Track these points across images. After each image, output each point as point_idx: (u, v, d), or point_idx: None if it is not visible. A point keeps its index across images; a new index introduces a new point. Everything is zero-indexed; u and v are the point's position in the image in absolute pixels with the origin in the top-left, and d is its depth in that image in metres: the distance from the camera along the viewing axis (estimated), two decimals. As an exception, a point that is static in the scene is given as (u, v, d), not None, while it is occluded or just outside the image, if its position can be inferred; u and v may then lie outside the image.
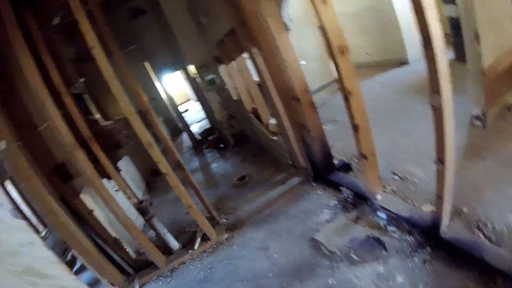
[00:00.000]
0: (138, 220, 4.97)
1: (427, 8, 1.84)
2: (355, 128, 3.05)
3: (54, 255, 1.38)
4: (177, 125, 10.99)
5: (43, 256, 1.33)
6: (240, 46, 4.73)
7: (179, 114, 8.94)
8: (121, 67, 3.85)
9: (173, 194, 6.20)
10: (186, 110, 14.92)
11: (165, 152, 3.96)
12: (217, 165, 6.80)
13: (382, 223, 3.18)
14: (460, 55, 5.43)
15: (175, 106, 8.96)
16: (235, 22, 3.91)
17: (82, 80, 4.05)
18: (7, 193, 5.72)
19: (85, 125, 3.82)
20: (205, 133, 8.84)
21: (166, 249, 4.20)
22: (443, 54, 1.94)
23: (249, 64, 5.07)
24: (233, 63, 5.52)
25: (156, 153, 3.52)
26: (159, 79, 8.74)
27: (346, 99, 2.93)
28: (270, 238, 3.73)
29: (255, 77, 5.13)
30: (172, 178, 3.66)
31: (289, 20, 3.44)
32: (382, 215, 3.22)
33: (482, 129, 3.75)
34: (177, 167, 4.06)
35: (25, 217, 6.46)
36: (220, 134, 7.70)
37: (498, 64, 3.51)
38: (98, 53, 3.26)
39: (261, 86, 4.41)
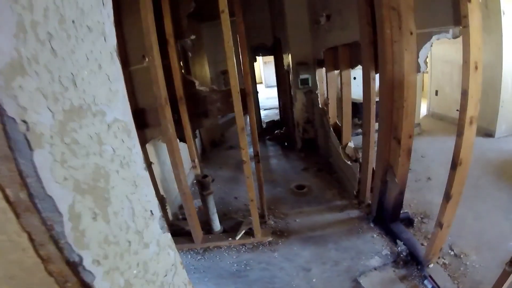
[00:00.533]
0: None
1: None
2: (448, 197, 2.90)
3: (188, 279, 1.16)
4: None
5: (181, 282, 1.09)
6: (353, 61, 4.57)
7: (255, 95, 8.91)
8: (240, 40, 3.82)
9: (226, 172, 6.36)
10: (257, 93, 14.95)
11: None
12: (278, 162, 6.74)
13: None
14: None
15: (254, 87, 8.95)
16: (364, 40, 3.74)
17: (193, 37, 4.06)
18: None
19: (181, 84, 3.85)
20: (272, 124, 8.80)
21: (206, 226, 4.23)
22: None
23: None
24: (335, 73, 5.38)
25: (244, 140, 3.50)
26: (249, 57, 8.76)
27: (454, 167, 2.79)
28: (315, 261, 3.63)
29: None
30: (248, 169, 3.64)
31: (423, 62, 3.22)
32: (428, 284, 3.11)
33: None
34: (255, 157, 4.03)
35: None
36: (289, 132, 7.61)
37: None
38: (226, 18, 3.18)
39: (356, 107, 4.25)
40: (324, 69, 5.67)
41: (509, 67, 6.18)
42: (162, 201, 4.24)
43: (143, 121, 3.93)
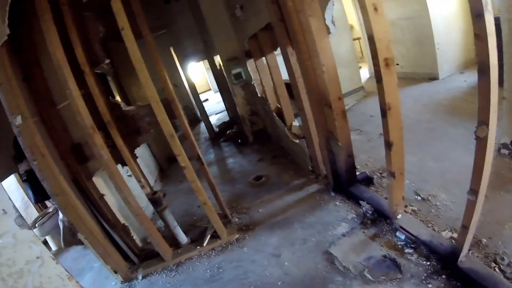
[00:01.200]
0: (147, 208, 4.92)
1: (490, 35, 1.74)
2: (389, 145, 2.90)
3: (65, 271, 1.25)
4: (196, 114, 10.96)
5: (54, 274, 1.20)
6: (274, 43, 4.60)
7: (200, 103, 8.84)
8: (151, 52, 3.75)
9: (187, 185, 6.15)
10: (206, 100, 14.88)
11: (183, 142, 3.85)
12: (234, 161, 6.68)
13: (400, 244, 3.07)
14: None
15: (196, 95, 8.87)
16: (273, 18, 3.76)
17: (108, 61, 3.94)
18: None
19: (106, 108, 3.72)
20: (224, 126, 8.75)
21: (173, 242, 4.12)
22: (497, 86, 1.87)
23: (280, 62, 4.95)
24: (263, 60, 5.39)
25: (177, 145, 3.42)
26: (183, 66, 8.69)
27: (384, 114, 2.78)
28: (284, 245, 3.60)
29: (284, 76, 5.01)
30: (191, 173, 3.56)
31: (331, 23, 3.26)
32: (401, 236, 3.12)
33: (510, 159, 3.66)
34: (197, 161, 3.95)
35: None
36: (240, 129, 7.59)
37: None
38: (127, 34, 3.12)
39: (291, 87, 4.26)
40: (253, 59, 5.67)
41: (436, 12, 6.49)
42: (124, 229, 4.08)
43: (82, 155, 3.77)
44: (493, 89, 1.86)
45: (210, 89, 18.17)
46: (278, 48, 4.67)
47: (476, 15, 1.74)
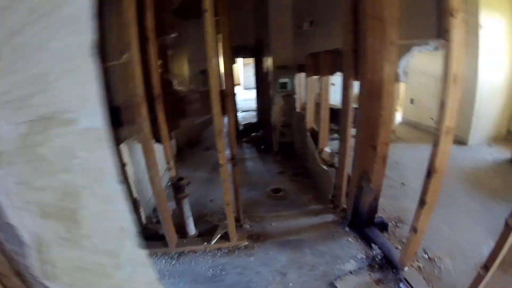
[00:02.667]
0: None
1: None
2: (423, 203, 2.94)
3: None
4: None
5: None
6: (333, 68, 4.60)
7: (233, 96, 8.83)
8: (224, 41, 3.75)
9: (201, 173, 6.25)
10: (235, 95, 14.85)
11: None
12: (254, 165, 6.69)
13: None
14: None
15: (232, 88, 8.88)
16: (347, 47, 3.77)
17: (175, 34, 3.94)
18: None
19: (158, 81, 3.72)
20: (250, 126, 8.75)
21: (180, 230, 4.12)
22: None
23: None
24: (314, 78, 5.40)
25: (222, 142, 3.43)
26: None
27: (429, 175, 2.84)
28: (291, 266, 3.61)
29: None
30: (226, 172, 3.57)
31: (403, 73, 3.27)
32: (403, 287, 3.15)
33: None
34: (232, 160, 3.97)
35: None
36: (265, 135, 7.59)
37: None
38: (209, 18, 3.08)
39: (333, 113, 4.28)
40: (303, 74, 5.68)
41: (484, 80, 6.43)
42: (135, 203, 4.11)
43: (118, 119, 3.76)
44: None
45: (240, 84, 18.21)
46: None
47: None
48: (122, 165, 3.93)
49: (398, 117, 9.21)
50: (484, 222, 4.10)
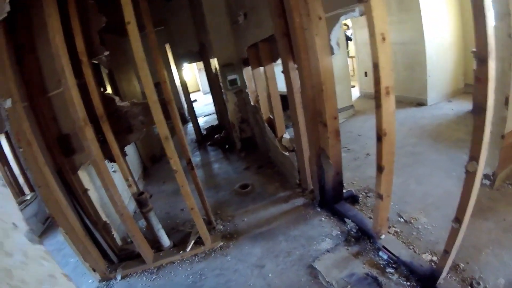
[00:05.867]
0: (128, 206, 4.83)
1: (491, 80, 1.86)
2: (380, 169, 2.98)
3: None
4: (184, 114, 10.87)
5: None
6: (274, 55, 4.65)
7: (190, 103, 8.78)
8: (153, 50, 3.73)
9: (170, 186, 6.16)
10: (195, 101, 14.78)
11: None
12: (220, 166, 6.68)
13: (381, 263, 3.15)
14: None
15: (187, 95, 8.81)
16: (278, 32, 3.81)
17: (107, 53, 3.87)
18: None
19: (100, 102, 3.66)
20: (212, 129, 8.72)
21: (155, 244, 4.07)
22: (490, 126, 1.99)
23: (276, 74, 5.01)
24: (260, 69, 5.43)
25: (171, 149, 3.38)
26: (177, 64, 8.61)
27: (379, 139, 2.86)
28: (267, 256, 3.62)
29: (279, 88, 5.07)
30: (181, 177, 3.53)
31: (336, 44, 3.33)
32: (383, 255, 3.20)
33: (489, 189, 3.81)
34: (187, 165, 3.93)
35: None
36: (228, 134, 7.58)
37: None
38: (133, 29, 3.06)
39: (284, 99, 4.31)
40: (250, 67, 5.70)
41: (431, 40, 6.71)
42: (105, 227, 4.00)
43: (69, 147, 3.67)
44: (486, 129, 1.97)
45: (199, 90, 18.08)
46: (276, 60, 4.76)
47: (480, 60, 1.85)
48: (83, 192, 3.82)
49: (356, 91, 9.40)
50: (454, 174, 4.26)
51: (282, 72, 4.17)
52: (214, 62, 6.93)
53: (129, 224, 3.68)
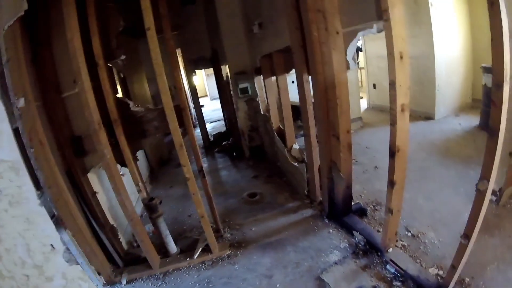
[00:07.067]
0: (135, 208, 4.82)
1: (504, 103, 1.91)
2: (392, 184, 2.99)
3: None
4: (192, 119, 10.92)
5: None
6: (288, 66, 4.68)
7: (199, 109, 8.82)
8: (171, 56, 3.75)
9: (177, 190, 6.17)
10: (202, 106, 14.83)
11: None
12: (228, 174, 6.69)
13: (389, 276, 3.14)
14: (485, 124, 5.43)
15: (196, 101, 8.86)
16: (294, 44, 3.84)
17: (123, 57, 3.92)
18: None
19: (114, 105, 3.68)
20: (220, 136, 8.74)
21: (162, 250, 4.06)
22: (501, 148, 2.04)
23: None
24: (272, 79, 5.46)
25: (184, 156, 3.41)
26: (188, 69, 8.65)
27: (392, 155, 2.89)
28: (276, 267, 3.60)
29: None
30: (194, 185, 3.54)
31: (352, 59, 3.36)
32: (391, 268, 3.19)
33: (495, 205, 3.80)
34: (199, 172, 3.95)
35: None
36: (236, 142, 7.60)
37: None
38: (152, 35, 3.07)
39: (296, 110, 4.34)
40: (262, 76, 5.74)
41: (440, 55, 6.75)
42: (112, 230, 4.00)
43: (81, 149, 3.69)
44: (498, 151, 2.01)
45: (206, 95, 18.16)
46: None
47: (497, 85, 1.89)
48: (93, 194, 3.83)
49: (363, 103, 9.40)
50: (462, 190, 4.25)
51: (293, 82, 4.19)
52: (226, 70, 6.96)
53: (139, 229, 3.68)
